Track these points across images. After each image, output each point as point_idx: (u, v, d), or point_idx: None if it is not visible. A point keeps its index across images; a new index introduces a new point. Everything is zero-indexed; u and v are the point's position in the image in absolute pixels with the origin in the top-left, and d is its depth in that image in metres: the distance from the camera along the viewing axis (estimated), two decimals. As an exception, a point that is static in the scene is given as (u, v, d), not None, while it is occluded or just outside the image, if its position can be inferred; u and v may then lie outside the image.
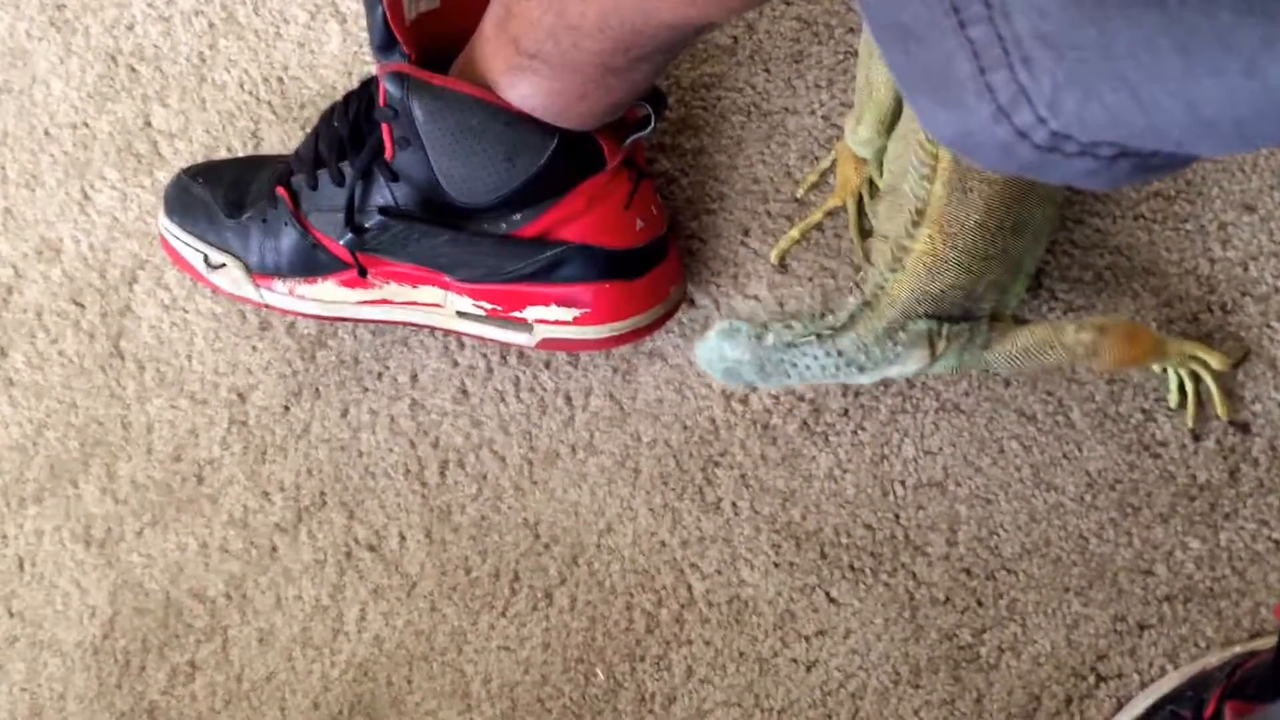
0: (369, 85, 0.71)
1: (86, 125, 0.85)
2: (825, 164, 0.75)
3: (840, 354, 0.61)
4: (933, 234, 0.59)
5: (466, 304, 0.75)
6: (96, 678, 0.80)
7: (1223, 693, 0.61)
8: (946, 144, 0.33)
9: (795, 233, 0.74)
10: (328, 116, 0.73)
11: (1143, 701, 0.68)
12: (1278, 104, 0.28)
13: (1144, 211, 0.73)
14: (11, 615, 0.82)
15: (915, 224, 0.59)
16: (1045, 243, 0.65)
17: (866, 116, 0.68)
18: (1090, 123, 0.30)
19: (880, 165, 0.73)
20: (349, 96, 0.72)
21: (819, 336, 0.61)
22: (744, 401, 0.76)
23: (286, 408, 0.80)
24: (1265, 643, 0.67)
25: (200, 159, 0.83)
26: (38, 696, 0.81)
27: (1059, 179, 0.33)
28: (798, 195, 0.75)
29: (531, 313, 0.74)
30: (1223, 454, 0.71)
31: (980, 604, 0.72)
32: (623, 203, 0.71)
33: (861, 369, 0.62)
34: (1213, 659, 0.68)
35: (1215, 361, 0.68)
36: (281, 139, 0.83)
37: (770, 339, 0.62)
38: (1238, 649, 0.68)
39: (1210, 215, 0.73)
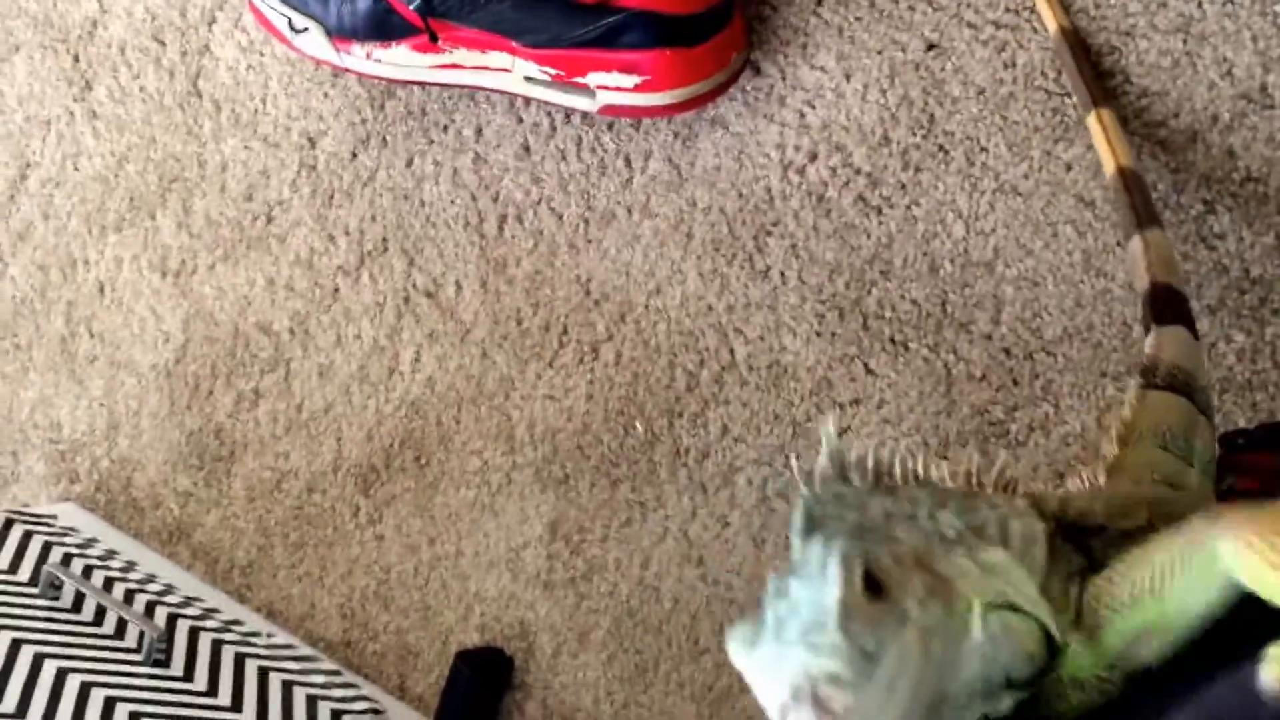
0: None
1: None
2: None
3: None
4: None
5: (533, 69, 0.76)
6: (169, 398, 0.85)
7: None
8: None
9: None
10: None
11: None
12: None
13: None
14: (92, 336, 0.86)
15: None
16: None
17: None
18: None
19: None
20: None
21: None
22: (801, 173, 0.76)
23: (354, 154, 0.82)
24: None
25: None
26: (115, 411, 0.86)
27: None
28: None
29: (594, 78, 0.74)
30: (1282, 252, 0.70)
31: (1016, 383, 0.73)
32: (683, -33, 0.70)
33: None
34: None
35: None
36: (360, -117, 0.83)
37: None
38: None
39: None
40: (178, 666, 0.76)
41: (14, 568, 0.79)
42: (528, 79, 0.77)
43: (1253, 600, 0.34)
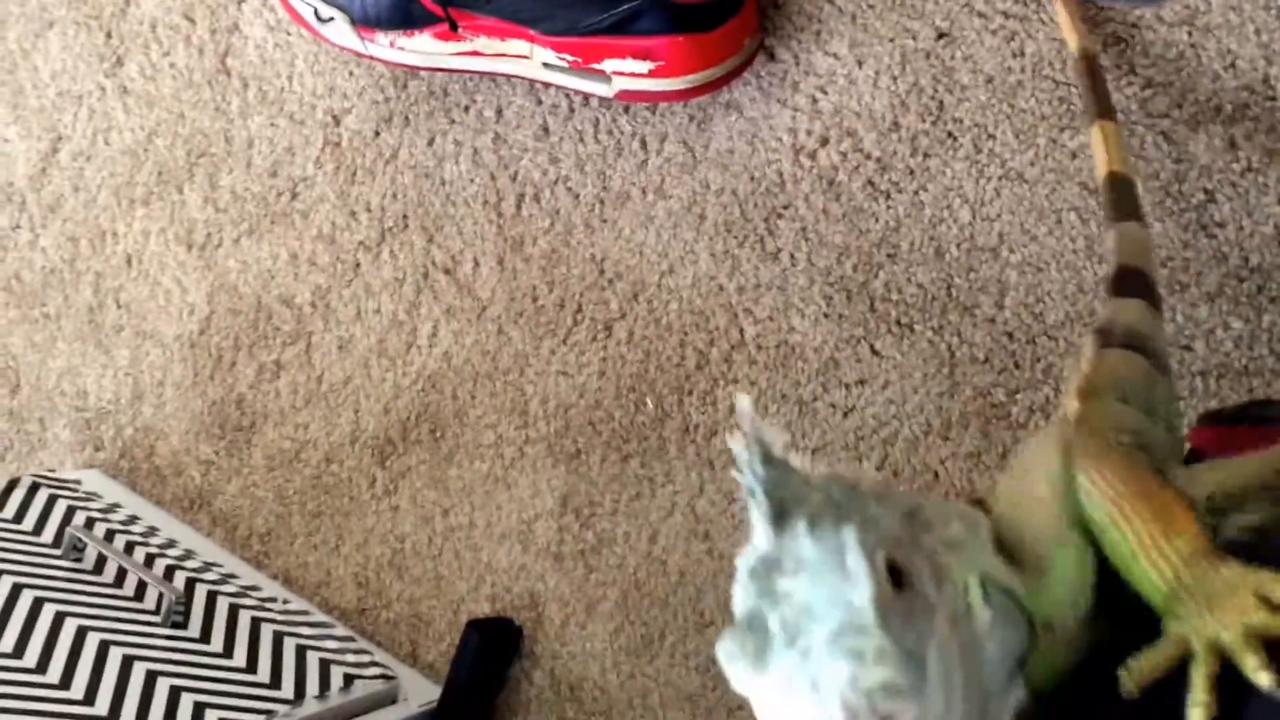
0: None
1: None
2: None
3: None
4: None
5: (550, 56, 0.78)
6: (192, 369, 0.87)
7: None
8: None
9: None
10: None
11: None
12: None
13: None
14: (119, 306, 0.89)
15: None
16: None
17: None
18: None
19: None
20: None
21: None
22: (812, 157, 0.78)
23: (377, 133, 0.85)
24: None
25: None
26: (140, 381, 0.88)
27: None
28: None
29: (610, 65, 0.76)
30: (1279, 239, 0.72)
31: (1018, 366, 0.74)
32: (698, -47, 0.72)
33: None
34: None
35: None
36: None
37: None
38: None
39: None
40: (195, 629, 0.78)
41: (39, 530, 0.82)
42: (546, 65, 0.79)
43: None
